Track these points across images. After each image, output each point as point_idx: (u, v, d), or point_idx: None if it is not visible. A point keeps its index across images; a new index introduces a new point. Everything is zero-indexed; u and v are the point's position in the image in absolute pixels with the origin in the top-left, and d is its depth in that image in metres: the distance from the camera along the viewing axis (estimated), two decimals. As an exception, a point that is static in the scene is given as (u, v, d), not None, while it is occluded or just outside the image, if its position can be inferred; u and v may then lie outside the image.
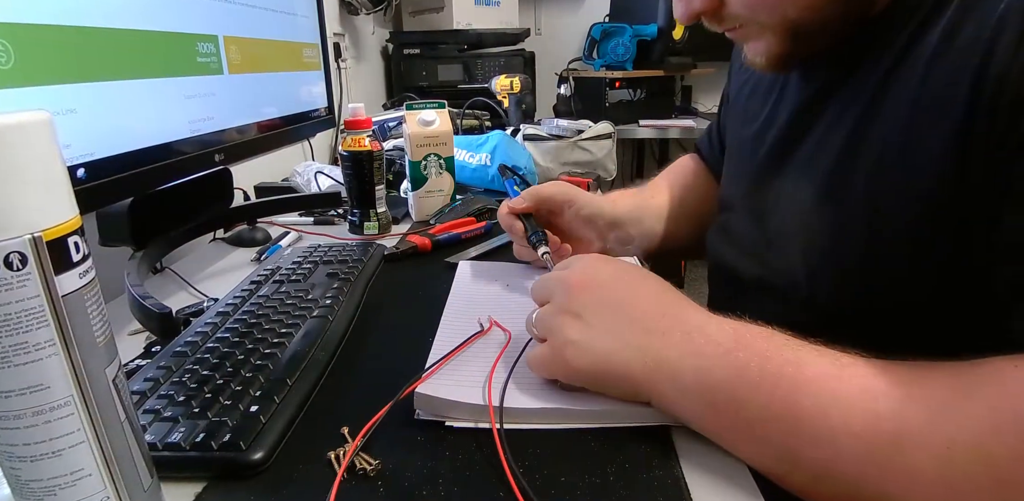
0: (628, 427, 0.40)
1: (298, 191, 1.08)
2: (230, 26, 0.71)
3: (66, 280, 0.25)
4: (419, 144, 0.90)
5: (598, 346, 0.40)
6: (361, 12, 1.77)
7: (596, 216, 0.66)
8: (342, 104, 1.53)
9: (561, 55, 2.58)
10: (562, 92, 2.24)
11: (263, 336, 0.50)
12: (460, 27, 2.05)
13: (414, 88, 2.00)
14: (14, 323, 0.24)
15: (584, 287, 0.43)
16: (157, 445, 0.36)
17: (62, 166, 0.26)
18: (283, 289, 0.60)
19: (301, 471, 0.37)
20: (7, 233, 0.24)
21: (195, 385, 0.42)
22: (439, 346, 0.48)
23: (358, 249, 0.73)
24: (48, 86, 0.46)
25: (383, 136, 1.36)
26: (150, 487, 0.31)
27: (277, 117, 0.84)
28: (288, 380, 0.44)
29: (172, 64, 0.61)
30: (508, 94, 1.50)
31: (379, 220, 0.86)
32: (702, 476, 0.36)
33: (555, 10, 2.76)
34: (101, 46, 0.52)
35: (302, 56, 0.93)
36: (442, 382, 0.43)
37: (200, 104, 0.66)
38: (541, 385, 0.43)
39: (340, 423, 0.40)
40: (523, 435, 0.39)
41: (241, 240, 0.87)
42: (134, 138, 0.56)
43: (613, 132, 1.29)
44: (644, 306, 0.42)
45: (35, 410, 0.26)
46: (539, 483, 0.35)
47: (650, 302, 0.42)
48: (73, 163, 0.48)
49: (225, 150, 0.70)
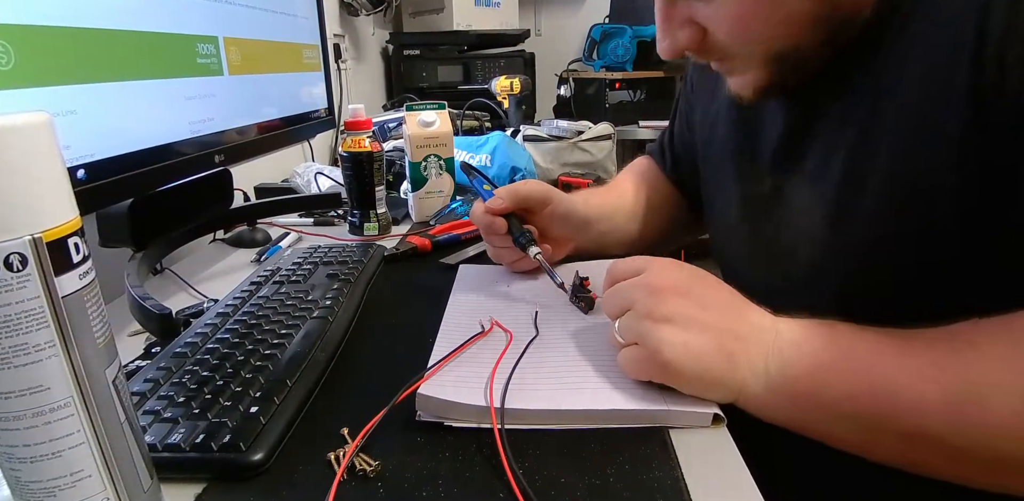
0: (628, 427, 0.40)
1: (298, 192, 1.08)
2: (230, 27, 0.71)
3: (66, 281, 0.25)
4: (419, 145, 0.90)
5: (692, 348, 0.40)
6: (361, 13, 1.77)
7: (571, 214, 0.66)
8: (342, 105, 1.53)
9: (561, 56, 2.58)
10: (562, 93, 2.25)
11: (263, 337, 0.50)
12: (460, 28, 2.05)
13: (414, 89, 2.00)
14: (14, 324, 0.24)
15: (670, 291, 0.43)
16: (157, 446, 0.36)
17: (62, 167, 0.26)
18: (283, 290, 0.60)
19: (301, 472, 0.37)
20: (7, 234, 0.24)
21: (195, 386, 0.42)
22: (440, 347, 0.48)
23: (358, 250, 0.73)
24: (48, 87, 0.46)
25: (383, 137, 1.36)
26: (150, 488, 0.31)
27: (277, 118, 0.84)
28: (288, 381, 0.44)
29: (172, 65, 0.61)
30: (508, 95, 1.50)
31: (379, 221, 0.86)
32: (702, 476, 0.36)
33: (555, 11, 2.76)
34: (101, 47, 0.52)
35: (302, 57, 0.93)
36: (443, 383, 0.43)
37: (200, 105, 0.66)
38: (542, 386, 0.43)
39: (340, 424, 0.40)
40: (523, 435, 0.39)
41: (241, 241, 0.87)
42: (134, 139, 0.56)
43: (613, 133, 1.29)
44: (726, 310, 0.43)
45: (35, 411, 0.26)
46: (539, 483, 0.35)
47: (729, 306, 0.44)
48: (73, 164, 0.48)
49: (225, 151, 0.70)
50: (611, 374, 0.44)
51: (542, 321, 0.53)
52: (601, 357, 0.46)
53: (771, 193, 0.55)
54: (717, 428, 0.40)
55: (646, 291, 0.43)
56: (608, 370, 0.44)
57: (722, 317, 0.42)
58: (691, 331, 0.41)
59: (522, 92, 1.49)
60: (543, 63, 2.33)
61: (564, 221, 0.65)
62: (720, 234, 0.65)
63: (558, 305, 0.56)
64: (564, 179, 1.20)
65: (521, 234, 0.60)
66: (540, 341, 0.49)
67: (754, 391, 0.40)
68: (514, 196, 0.62)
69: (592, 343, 0.49)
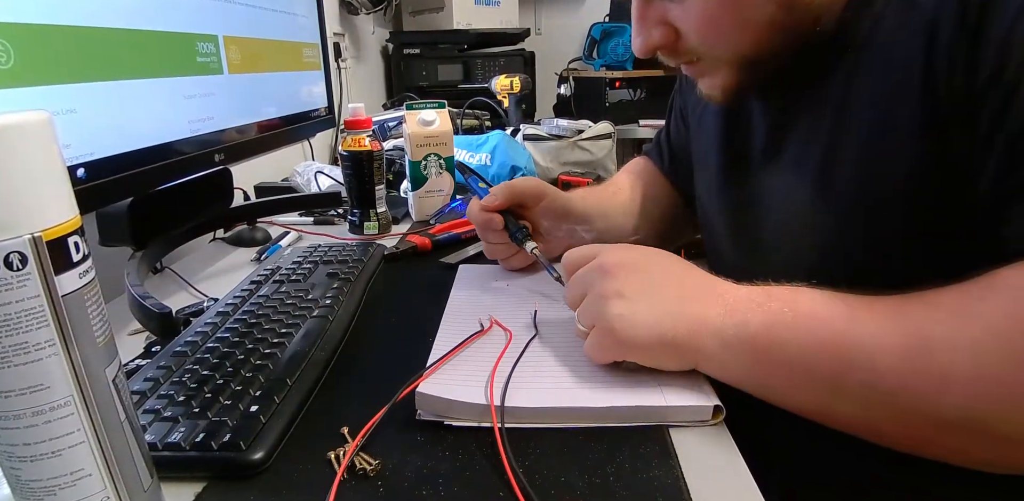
0: (628, 427, 0.40)
1: (298, 191, 1.08)
2: (230, 26, 0.71)
3: (66, 280, 0.25)
4: (419, 144, 0.90)
5: (643, 317, 0.41)
6: (361, 12, 1.77)
7: (567, 210, 0.66)
8: (342, 104, 1.53)
9: (561, 55, 2.58)
10: (562, 92, 2.24)
11: (263, 336, 0.50)
12: (460, 27, 2.05)
13: (414, 88, 2.00)
14: (14, 323, 0.24)
15: (620, 268, 0.44)
16: (157, 445, 0.36)
17: (62, 166, 0.26)
18: (283, 289, 0.60)
19: (301, 471, 0.37)
20: (7, 233, 0.24)
21: (195, 385, 0.42)
22: (440, 346, 0.48)
23: (358, 249, 0.73)
24: (48, 86, 0.46)
25: (383, 136, 1.36)
26: (150, 487, 0.31)
27: (277, 117, 0.84)
28: (288, 380, 0.44)
29: (172, 64, 0.61)
30: (508, 94, 1.50)
31: (379, 220, 0.86)
32: (702, 476, 0.36)
33: (555, 10, 2.76)
34: (101, 46, 0.52)
35: (302, 56, 0.93)
36: (443, 381, 0.43)
37: (200, 104, 0.66)
38: (541, 384, 0.43)
39: (340, 423, 0.40)
40: (523, 435, 0.39)
41: (241, 240, 0.87)
42: (134, 138, 0.56)
43: (613, 132, 1.29)
44: (678, 279, 0.44)
45: (35, 410, 0.26)
46: (539, 483, 0.35)
47: (682, 276, 0.45)
48: (73, 163, 0.48)
49: (225, 150, 0.70)
50: (610, 372, 0.44)
51: (541, 320, 0.53)
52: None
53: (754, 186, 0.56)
54: (717, 422, 0.41)
55: (599, 271, 0.44)
56: (607, 368, 0.44)
57: (673, 284, 0.44)
58: (641, 301, 0.42)
59: (522, 91, 1.49)
60: (543, 62, 2.33)
61: (560, 217, 0.66)
62: (707, 227, 0.66)
63: (557, 304, 0.56)
64: (564, 178, 1.20)
65: (518, 229, 0.61)
66: (539, 340, 0.50)
67: (712, 350, 0.41)
68: (508, 192, 0.63)
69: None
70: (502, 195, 0.63)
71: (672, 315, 0.41)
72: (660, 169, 0.80)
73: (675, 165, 0.77)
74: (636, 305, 0.42)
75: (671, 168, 0.78)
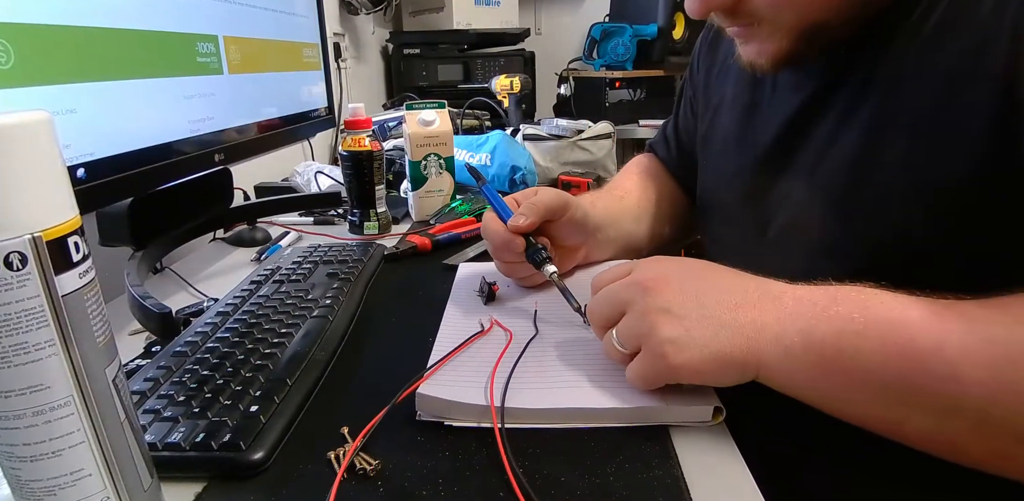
0: (628, 427, 0.40)
1: (298, 191, 1.08)
2: (230, 26, 0.71)
3: (66, 280, 0.25)
4: (419, 144, 0.90)
5: (696, 336, 0.38)
6: (361, 12, 1.77)
7: (584, 219, 0.62)
8: (342, 104, 1.53)
9: (561, 55, 2.57)
10: (562, 92, 2.24)
11: (263, 336, 0.50)
12: (460, 27, 2.05)
13: (414, 88, 2.00)
14: (14, 323, 0.24)
15: (661, 281, 0.41)
16: (157, 445, 0.37)
17: (62, 166, 0.26)
18: (283, 289, 0.60)
19: (301, 471, 0.37)
20: (7, 233, 0.24)
21: (195, 385, 0.42)
22: (440, 346, 0.48)
23: (358, 249, 0.73)
24: (48, 86, 0.46)
25: (383, 136, 1.36)
26: (150, 487, 0.31)
27: (277, 117, 0.84)
28: (288, 380, 0.44)
29: (172, 64, 0.61)
30: (508, 94, 1.50)
31: (379, 220, 0.86)
32: (702, 476, 0.36)
33: (555, 10, 2.76)
34: (101, 46, 0.52)
35: (302, 56, 0.93)
36: (443, 382, 0.43)
37: (200, 104, 0.66)
38: (542, 385, 0.43)
39: (340, 423, 0.40)
40: (523, 435, 0.39)
41: (241, 240, 0.87)
42: (134, 138, 0.56)
43: (613, 132, 1.29)
44: (725, 286, 0.41)
45: (35, 410, 0.26)
46: (539, 483, 0.35)
47: (729, 281, 0.41)
48: (73, 163, 0.48)
49: (225, 150, 0.70)
50: (610, 373, 0.44)
51: (541, 320, 0.53)
52: (601, 356, 0.46)
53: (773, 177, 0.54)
54: (717, 423, 0.40)
55: (638, 288, 0.41)
56: (608, 369, 0.44)
57: (723, 291, 0.40)
58: (691, 316, 0.39)
59: (522, 91, 1.49)
60: (543, 62, 2.32)
61: (579, 227, 0.62)
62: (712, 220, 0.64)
63: (557, 304, 0.56)
64: (564, 178, 1.20)
65: (536, 251, 0.55)
66: (540, 340, 0.49)
67: (774, 360, 0.37)
68: (539, 211, 0.57)
69: (592, 342, 0.49)
70: (533, 215, 0.56)
71: (727, 327, 0.38)
72: (665, 165, 0.78)
73: (682, 157, 0.75)
74: (686, 321, 0.38)
75: (678, 161, 0.75)
